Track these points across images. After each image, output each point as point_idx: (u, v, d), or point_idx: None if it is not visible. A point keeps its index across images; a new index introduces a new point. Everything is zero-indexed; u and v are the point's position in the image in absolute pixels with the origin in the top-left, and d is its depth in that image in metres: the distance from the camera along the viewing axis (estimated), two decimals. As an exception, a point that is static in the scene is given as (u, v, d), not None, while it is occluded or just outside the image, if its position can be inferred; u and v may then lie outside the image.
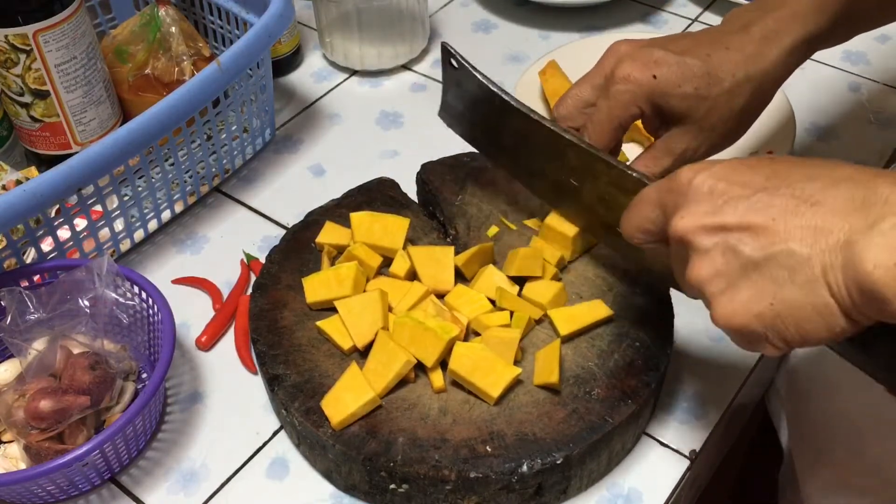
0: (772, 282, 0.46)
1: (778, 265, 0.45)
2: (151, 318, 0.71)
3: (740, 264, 0.47)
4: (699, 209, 0.49)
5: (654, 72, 0.64)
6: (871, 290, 0.42)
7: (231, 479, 0.68)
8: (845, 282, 0.43)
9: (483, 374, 0.63)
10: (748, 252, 0.47)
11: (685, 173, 0.51)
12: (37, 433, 0.64)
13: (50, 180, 0.70)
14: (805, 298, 0.45)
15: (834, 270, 0.44)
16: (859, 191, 0.44)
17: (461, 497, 0.61)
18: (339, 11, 1.01)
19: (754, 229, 0.46)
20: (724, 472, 0.84)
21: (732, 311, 0.48)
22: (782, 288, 0.45)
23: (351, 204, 0.79)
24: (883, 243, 0.42)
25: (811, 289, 0.44)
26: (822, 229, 0.44)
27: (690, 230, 0.49)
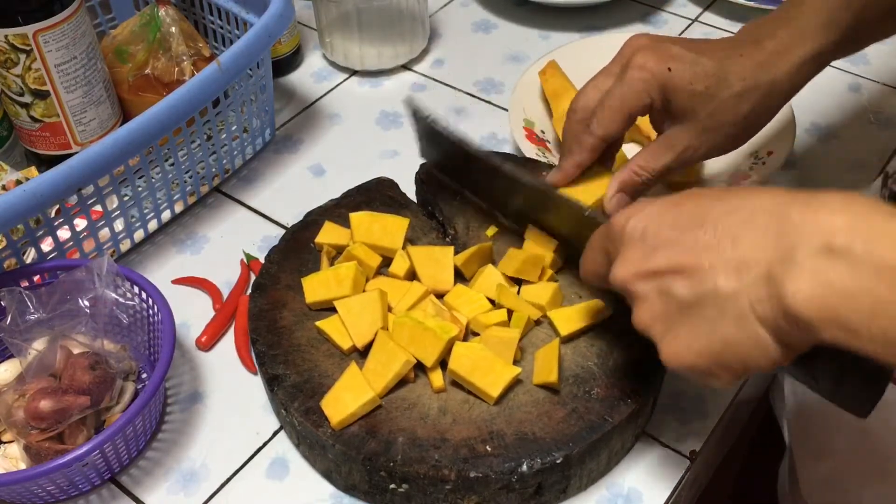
0: (706, 321, 0.48)
1: (709, 304, 0.47)
2: (151, 318, 0.71)
3: (676, 306, 0.49)
4: (634, 255, 0.52)
5: (670, 64, 0.66)
6: (797, 318, 0.43)
7: (231, 479, 0.68)
8: (772, 313, 0.45)
9: (482, 374, 0.63)
10: (681, 293, 0.49)
11: (618, 219, 0.54)
12: (37, 433, 0.64)
13: (50, 180, 0.70)
14: (739, 333, 0.46)
15: (761, 303, 0.45)
16: (773, 221, 0.45)
17: (461, 497, 0.62)
18: (339, 11, 1.01)
19: (683, 271, 0.48)
20: (724, 472, 0.84)
21: (676, 352, 0.50)
22: (716, 326, 0.47)
23: (350, 204, 0.79)
24: (800, 273, 0.43)
25: (743, 323, 0.46)
26: (744, 264, 0.46)
27: (628, 279, 0.52)
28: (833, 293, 0.42)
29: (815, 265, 0.43)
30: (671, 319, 0.50)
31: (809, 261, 0.43)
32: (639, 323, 0.52)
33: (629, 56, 0.67)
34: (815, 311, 0.42)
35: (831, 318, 0.42)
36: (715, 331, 0.47)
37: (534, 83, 0.95)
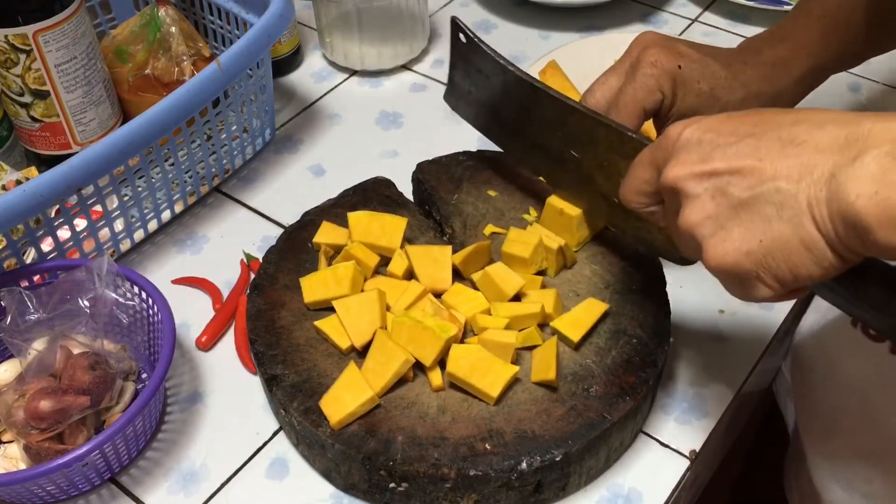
0: (761, 219, 0.47)
1: (766, 202, 0.46)
2: (151, 318, 0.71)
3: (730, 205, 0.48)
4: (689, 158, 0.50)
5: (680, 62, 0.66)
6: (854, 219, 0.43)
7: (231, 479, 0.68)
8: (830, 214, 0.44)
9: (481, 375, 0.63)
10: (737, 193, 0.48)
11: (674, 128, 0.52)
12: (37, 433, 0.64)
13: (50, 180, 0.70)
14: (793, 233, 0.46)
15: (819, 204, 0.45)
16: (843, 129, 0.45)
17: (461, 495, 0.62)
18: (339, 11, 1.01)
19: (743, 171, 0.48)
20: (725, 471, 0.84)
21: (724, 251, 0.48)
22: (771, 225, 0.46)
23: (347, 204, 0.79)
24: (864, 174, 0.42)
25: (798, 223, 0.45)
26: (807, 166, 0.45)
27: (681, 178, 0.50)
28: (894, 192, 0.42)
29: (881, 166, 0.42)
30: (722, 218, 0.49)
31: (875, 162, 0.42)
32: (685, 223, 0.51)
33: (639, 53, 0.68)
34: (874, 211, 0.42)
35: (890, 218, 0.42)
36: (768, 230, 0.47)
37: (534, 83, 0.95)
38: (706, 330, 0.76)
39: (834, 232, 0.44)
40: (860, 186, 0.42)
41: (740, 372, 0.73)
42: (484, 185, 0.80)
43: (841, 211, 0.43)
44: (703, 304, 0.77)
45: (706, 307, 0.77)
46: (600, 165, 0.68)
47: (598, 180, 0.69)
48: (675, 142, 0.52)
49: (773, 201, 0.46)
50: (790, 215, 0.46)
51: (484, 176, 0.80)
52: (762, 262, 0.47)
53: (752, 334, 0.75)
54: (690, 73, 0.67)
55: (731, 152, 0.48)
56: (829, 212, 0.44)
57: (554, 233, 0.73)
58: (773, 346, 0.76)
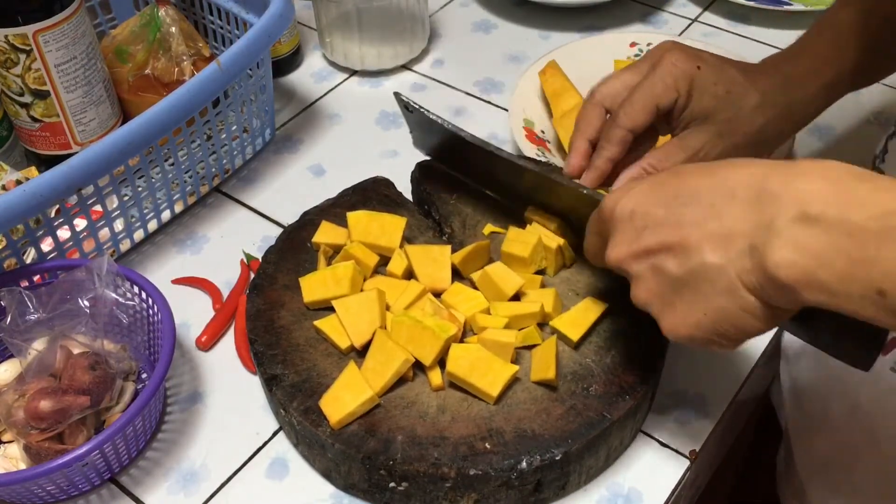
0: (699, 294, 0.50)
1: (700, 279, 0.50)
2: (151, 318, 0.71)
3: (670, 283, 0.52)
4: (624, 238, 0.54)
5: (699, 64, 0.68)
6: (780, 284, 0.45)
7: (231, 479, 0.68)
8: (759, 281, 0.47)
9: (481, 375, 0.63)
10: (673, 270, 0.51)
11: (607, 203, 0.56)
12: (37, 433, 0.64)
13: (50, 180, 0.70)
14: (731, 303, 0.49)
15: (746, 273, 0.47)
16: (754, 193, 0.48)
17: (461, 494, 0.62)
18: (339, 11, 1.01)
19: (672, 248, 0.51)
20: (724, 471, 0.84)
21: (675, 325, 0.52)
22: (709, 299, 0.50)
23: (346, 203, 0.79)
24: (779, 242, 0.45)
25: (734, 293, 0.48)
26: (728, 237, 0.48)
27: (622, 259, 0.55)
28: (810, 258, 0.44)
29: (792, 233, 0.45)
30: (666, 295, 0.52)
31: (787, 229, 0.45)
32: (637, 300, 0.55)
33: (659, 56, 0.69)
34: (795, 277, 0.44)
35: (810, 281, 0.44)
36: (708, 303, 0.50)
37: (534, 83, 0.95)
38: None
39: (767, 294, 0.47)
40: (779, 257, 0.45)
41: (740, 372, 0.73)
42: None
43: (768, 279, 0.46)
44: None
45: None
46: (569, 208, 0.71)
47: (569, 218, 0.72)
48: (610, 219, 0.56)
49: (706, 278, 0.49)
50: (723, 288, 0.49)
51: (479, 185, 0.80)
52: (712, 330, 0.51)
53: (751, 334, 0.75)
54: (708, 75, 0.68)
55: (660, 229, 0.52)
56: (758, 279, 0.47)
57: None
58: (773, 346, 0.76)
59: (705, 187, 0.50)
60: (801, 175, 0.46)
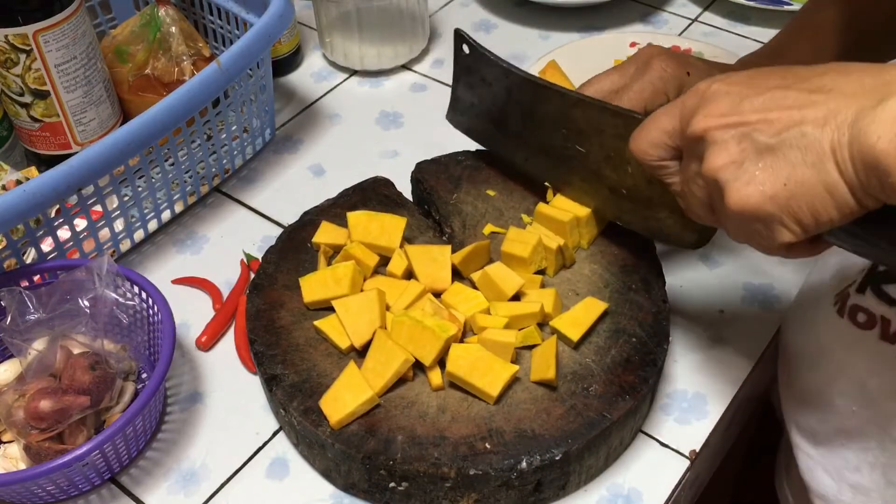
0: (785, 163, 0.48)
1: (791, 147, 0.48)
2: (151, 318, 0.71)
3: (755, 150, 0.49)
4: (718, 109, 0.51)
5: (689, 70, 0.69)
6: (875, 161, 0.44)
7: (231, 479, 0.68)
8: (851, 157, 0.45)
9: (481, 374, 0.63)
10: (763, 139, 0.49)
11: (703, 83, 0.53)
12: (37, 433, 0.64)
13: (50, 180, 0.70)
14: (816, 177, 0.47)
15: (841, 147, 0.46)
16: (869, 76, 0.46)
17: (461, 494, 0.62)
18: (339, 11, 1.01)
19: (770, 120, 0.49)
20: (724, 471, 0.84)
21: (747, 193, 0.49)
22: (795, 168, 0.48)
23: (346, 203, 0.79)
24: (886, 117, 0.43)
25: (821, 167, 0.47)
26: (833, 111, 0.46)
27: (710, 127, 0.52)
28: None
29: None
30: (747, 161, 0.50)
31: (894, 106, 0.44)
32: (710, 166, 0.52)
33: (647, 59, 0.70)
34: (893, 153, 0.43)
35: None
36: (792, 173, 0.48)
37: (533, 83, 0.95)
38: (706, 330, 0.76)
39: (855, 175, 0.46)
40: (881, 129, 0.43)
41: (740, 372, 0.73)
42: (483, 184, 0.80)
43: (861, 153, 0.44)
44: (704, 305, 0.77)
45: (706, 308, 0.77)
46: (607, 156, 0.69)
47: (604, 173, 0.69)
48: (703, 94, 0.53)
49: (799, 146, 0.47)
50: (814, 159, 0.47)
51: (483, 175, 0.80)
52: (785, 206, 0.48)
53: (751, 334, 0.75)
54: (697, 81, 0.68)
55: (759, 102, 0.50)
56: (851, 154, 0.45)
57: (554, 232, 0.73)
58: (773, 346, 0.76)
59: (816, 72, 0.49)
60: None
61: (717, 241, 0.82)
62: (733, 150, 0.50)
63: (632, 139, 0.59)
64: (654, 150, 0.58)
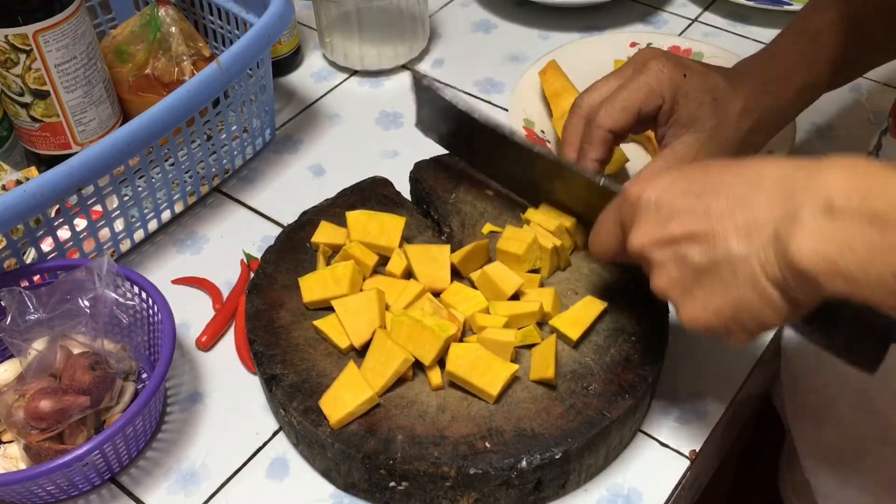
0: (721, 283, 0.50)
1: (723, 268, 0.50)
2: (151, 318, 0.71)
3: (692, 271, 0.52)
4: (649, 225, 0.54)
5: (685, 72, 0.70)
6: (802, 273, 0.46)
7: (231, 479, 0.68)
8: (781, 271, 0.47)
9: (481, 374, 0.63)
10: (696, 259, 0.51)
11: (632, 189, 0.56)
12: (37, 433, 0.64)
13: (50, 180, 0.70)
14: (752, 293, 0.49)
15: (770, 264, 0.48)
16: (781, 185, 0.48)
17: (461, 494, 0.62)
18: (339, 11, 1.01)
19: (697, 237, 0.51)
20: (724, 471, 0.84)
21: (694, 313, 0.53)
22: (730, 287, 0.50)
23: (345, 203, 0.79)
24: (802, 230, 0.46)
25: (755, 284, 0.49)
26: (754, 227, 0.49)
27: (645, 246, 0.54)
28: (832, 246, 0.45)
29: (816, 222, 0.45)
30: (688, 283, 0.52)
31: (811, 219, 0.45)
32: (657, 288, 0.55)
33: (644, 61, 0.70)
34: (817, 265, 0.45)
35: (832, 269, 0.45)
36: (729, 292, 0.50)
37: (534, 83, 0.95)
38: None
39: (788, 285, 0.48)
40: (802, 245, 0.45)
41: (740, 372, 0.73)
42: (482, 184, 0.80)
43: (790, 267, 0.46)
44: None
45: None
46: (573, 199, 0.71)
47: (575, 208, 0.72)
48: (635, 205, 0.56)
49: (730, 267, 0.50)
50: (746, 278, 0.49)
51: (482, 175, 0.80)
52: (731, 319, 0.51)
53: (751, 334, 0.75)
54: (694, 83, 0.69)
55: (686, 218, 0.52)
56: (780, 269, 0.47)
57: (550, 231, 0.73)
58: (773, 346, 0.76)
59: (734, 180, 0.51)
60: (826, 168, 0.47)
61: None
62: (673, 271, 0.53)
63: (590, 241, 0.63)
64: (608, 253, 0.61)
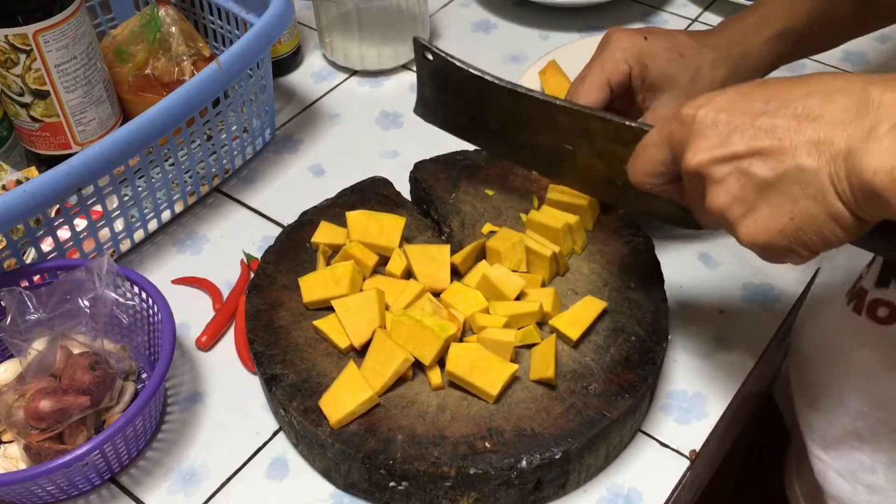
0: (787, 198, 0.49)
1: (790, 181, 0.49)
2: (151, 318, 0.71)
3: (756, 186, 0.50)
4: (708, 143, 0.52)
5: (646, 35, 0.71)
6: (874, 194, 0.45)
7: (231, 479, 0.68)
8: (850, 188, 0.46)
9: (481, 374, 0.63)
10: (761, 174, 0.49)
11: (687, 109, 0.53)
12: (37, 433, 0.64)
13: (50, 180, 0.70)
14: (819, 208, 0.48)
15: (840, 179, 0.47)
16: (853, 99, 0.47)
17: (461, 493, 0.62)
18: (339, 11, 1.01)
19: (763, 152, 0.49)
20: (725, 471, 0.84)
21: (756, 230, 0.51)
22: (797, 202, 0.49)
23: (345, 203, 0.79)
24: (879, 150, 0.45)
25: (823, 199, 0.48)
26: (824, 142, 0.47)
27: (704, 163, 0.52)
28: None
29: (891, 141, 0.44)
30: (750, 199, 0.51)
31: (888, 137, 0.44)
32: (715, 206, 0.52)
33: (606, 40, 0.73)
34: (891, 185, 0.44)
35: None
36: (796, 208, 0.49)
37: (534, 83, 0.95)
38: (706, 330, 0.76)
39: (857, 203, 0.47)
40: (876, 163, 0.44)
41: (740, 372, 0.73)
42: (481, 184, 0.80)
43: (861, 186, 0.46)
44: (703, 305, 0.77)
45: (706, 307, 0.77)
46: (598, 155, 0.68)
47: (597, 168, 0.69)
48: (690, 124, 0.53)
49: (798, 180, 0.48)
50: (814, 192, 0.48)
51: (481, 175, 0.80)
52: (794, 236, 0.50)
53: (752, 334, 0.75)
54: (657, 42, 0.71)
55: (749, 134, 0.50)
56: (850, 186, 0.46)
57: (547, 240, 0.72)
58: (773, 346, 0.76)
59: (800, 94, 0.49)
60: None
61: (717, 240, 0.82)
62: (734, 187, 0.51)
63: (629, 170, 0.60)
64: (651, 179, 0.58)
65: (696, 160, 0.52)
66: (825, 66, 1.01)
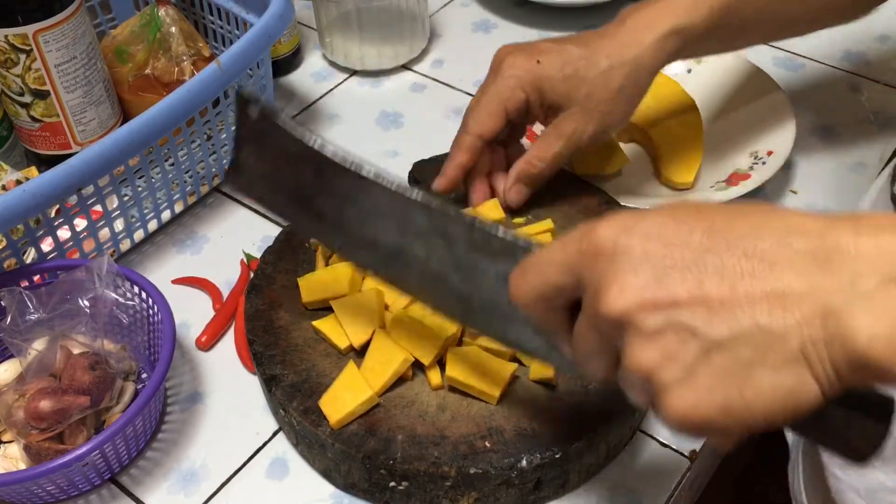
0: (738, 366, 0.38)
1: (744, 344, 0.38)
2: (151, 318, 0.71)
3: (699, 346, 0.39)
4: (637, 281, 0.40)
5: (539, 58, 0.70)
6: (867, 364, 0.36)
7: (231, 479, 0.68)
8: (831, 358, 0.37)
9: (481, 376, 0.63)
10: (708, 331, 0.39)
11: (605, 232, 0.42)
12: (37, 433, 0.64)
13: (50, 180, 0.70)
14: (780, 383, 0.38)
15: (816, 347, 0.37)
16: (813, 244, 0.39)
17: (461, 493, 0.62)
18: (339, 11, 1.01)
19: (710, 303, 0.39)
20: (725, 471, 0.84)
21: (690, 404, 0.39)
22: (751, 373, 0.38)
23: (345, 203, 0.79)
24: (872, 309, 0.36)
25: (789, 371, 0.38)
26: (790, 296, 0.38)
27: (632, 309, 0.40)
28: None
29: (886, 298, 0.36)
30: (688, 361, 0.39)
31: (880, 293, 0.36)
32: (638, 363, 0.41)
33: (499, 62, 0.72)
34: (890, 351, 0.36)
35: None
36: (749, 380, 0.38)
37: (533, 83, 0.95)
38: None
39: (835, 375, 0.38)
40: (871, 327, 0.36)
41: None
42: (483, 184, 0.79)
43: (848, 355, 0.37)
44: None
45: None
46: (456, 266, 0.55)
47: (451, 280, 0.55)
48: (609, 253, 0.41)
49: (756, 343, 0.38)
50: (777, 361, 0.38)
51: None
52: (738, 417, 0.39)
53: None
54: (551, 63, 0.70)
55: (693, 276, 0.39)
56: (831, 355, 0.37)
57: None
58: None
59: (744, 230, 0.40)
60: (881, 229, 0.38)
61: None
62: (670, 342, 0.39)
63: (512, 283, 0.47)
64: (539, 303, 0.46)
65: (620, 304, 0.40)
66: (825, 66, 1.01)
